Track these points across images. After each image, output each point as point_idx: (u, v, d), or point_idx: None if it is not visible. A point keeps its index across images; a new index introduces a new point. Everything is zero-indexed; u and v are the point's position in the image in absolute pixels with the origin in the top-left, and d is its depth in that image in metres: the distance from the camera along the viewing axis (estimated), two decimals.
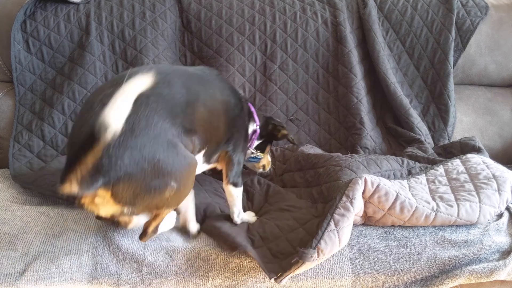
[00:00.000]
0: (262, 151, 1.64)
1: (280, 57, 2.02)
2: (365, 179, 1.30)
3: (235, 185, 1.35)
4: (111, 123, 0.85)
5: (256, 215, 1.44)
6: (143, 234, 1.16)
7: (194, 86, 1.19)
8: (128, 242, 1.25)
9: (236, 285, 1.23)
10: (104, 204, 0.98)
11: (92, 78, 1.92)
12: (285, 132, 1.64)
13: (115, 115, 0.86)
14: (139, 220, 1.19)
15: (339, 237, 1.19)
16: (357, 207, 1.27)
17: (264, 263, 1.18)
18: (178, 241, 1.27)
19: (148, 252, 1.23)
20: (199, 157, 1.24)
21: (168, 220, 1.25)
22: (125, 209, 1.00)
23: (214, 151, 1.30)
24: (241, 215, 1.40)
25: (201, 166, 1.31)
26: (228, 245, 1.22)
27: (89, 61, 1.93)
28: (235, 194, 1.36)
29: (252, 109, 1.55)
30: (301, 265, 1.15)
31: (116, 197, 0.96)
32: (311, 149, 1.88)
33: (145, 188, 0.97)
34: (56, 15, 1.95)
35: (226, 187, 1.35)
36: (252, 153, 1.60)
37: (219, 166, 1.39)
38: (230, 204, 1.39)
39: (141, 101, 0.95)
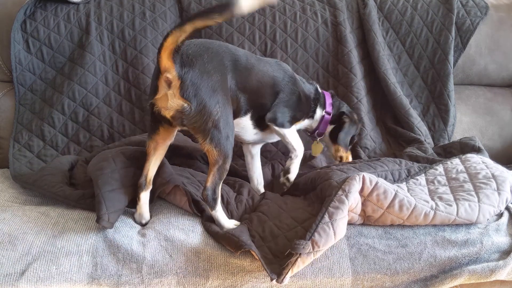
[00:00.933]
0: (335, 139, 1.73)
1: (280, 57, 2.02)
2: (363, 176, 1.30)
3: (279, 125, 1.51)
4: None
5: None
6: None
7: (253, 60, 1.45)
8: (128, 243, 1.25)
9: (236, 285, 1.23)
10: (172, 96, 1.19)
11: (92, 78, 1.93)
12: (345, 120, 1.71)
13: None
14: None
15: (333, 230, 1.19)
16: (352, 201, 1.27)
17: (266, 264, 1.19)
18: (177, 240, 1.27)
19: (147, 253, 1.23)
20: (247, 119, 1.47)
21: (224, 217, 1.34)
22: (185, 105, 1.19)
23: (262, 117, 1.49)
24: (299, 157, 1.58)
25: (252, 131, 1.53)
26: (233, 245, 1.22)
27: (89, 61, 1.93)
28: (281, 132, 1.53)
29: (328, 96, 1.71)
30: (296, 259, 1.15)
31: (182, 90, 1.18)
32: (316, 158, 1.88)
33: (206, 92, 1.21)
34: (56, 15, 1.95)
35: (273, 128, 1.52)
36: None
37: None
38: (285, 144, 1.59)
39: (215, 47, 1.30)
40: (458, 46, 2.07)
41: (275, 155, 1.99)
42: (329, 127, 1.73)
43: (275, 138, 1.64)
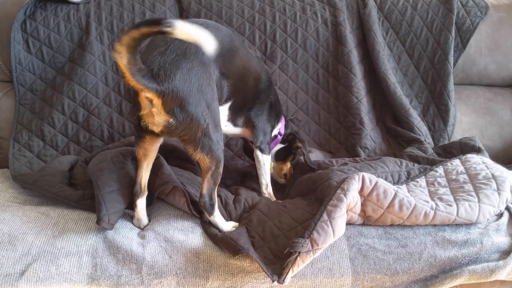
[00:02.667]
0: (285, 158, 1.75)
1: (280, 57, 2.02)
2: (363, 176, 1.31)
3: (262, 151, 1.55)
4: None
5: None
6: None
7: (237, 42, 1.40)
8: (128, 244, 1.25)
9: (236, 286, 1.23)
10: (157, 114, 1.15)
11: (92, 78, 1.93)
12: (299, 145, 1.71)
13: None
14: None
15: (332, 227, 1.19)
16: (351, 199, 1.27)
17: (266, 265, 1.18)
18: (177, 241, 1.27)
19: (147, 253, 1.23)
20: (225, 109, 1.41)
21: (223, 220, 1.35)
22: (171, 120, 1.16)
23: (239, 111, 1.47)
24: (269, 189, 1.59)
25: (226, 124, 1.47)
26: (230, 249, 1.22)
27: (89, 61, 1.93)
28: (261, 160, 1.55)
29: (283, 119, 1.72)
30: (296, 258, 1.15)
31: (165, 108, 1.14)
32: (311, 153, 1.88)
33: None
34: (56, 15, 1.95)
35: (254, 152, 1.55)
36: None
37: (246, 134, 1.58)
38: (258, 173, 1.59)
39: None
40: (458, 46, 2.07)
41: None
42: (278, 146, 1.73)
43: (236, 136, 1.68)
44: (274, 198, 1.60)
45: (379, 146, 2.00)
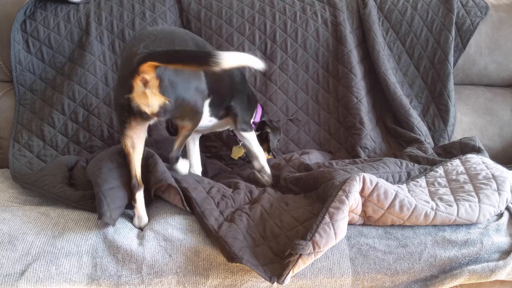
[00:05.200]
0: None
1: (280, 57, 2.02)
2: (364, 177, 1.30)
3: (244, 130, 1.62)
4: None
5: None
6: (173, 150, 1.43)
7: (208, 46, 1.56)
8: (128, 244, 1.25)
9: (236, 284, 1.23)
10: (152, 96, 1.22)
11: (92, 78, 1.93)
12: (267, 130, 1.79)
13: None
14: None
15: (334, 230, 1.19)
16: (353, 201, 1.27)
17: (265, 264, 1.18)
18: (176, 240, 1.27)
19: (147, 253, 1.23)
20: (206, 106, 1.47)
21: (184, 164, 1.52)
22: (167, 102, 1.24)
23: (219, 106, 1.54)
24: (264, 163, 1.67)
25: (210, 119, 1.55)
26: (225, 254, 1.21)
27: (89, 61, 1.93)
28: (247, 137, 1.64)
29: (259, 106, 1.77)
30: (297, 260, 1.15)
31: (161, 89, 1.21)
32: (311, 154, 1.88)
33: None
34: (56, 15, 1.95)
35: (239, 135, 1.65)
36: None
37: (229, 123, 1.66)
38: (251, 158, 1.70)
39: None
40: (458, 46, 2.07)
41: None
42: None
43: (222, 128, 1.75)
44: (270, 179, 1.69)
45: (379, 146, 2.00)
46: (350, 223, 1.33)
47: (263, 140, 1.79)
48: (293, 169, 1.72)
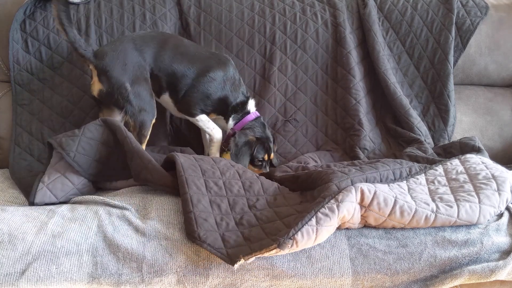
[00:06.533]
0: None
1: (279, 59, 2.02)
2: (361, 188, 1.30)
3: (194, 115, 1.79)
4: None
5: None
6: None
7: (178, 55, 1.76)
8: (128, 242, 1.25)
9: (236, 284, 1.23)
10: (94, 82, 1.66)
11: (90, 80, 1.92)
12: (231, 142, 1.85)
13: None
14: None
15: (316, 234, 1.19)
16: (345, 212, 1.26)
17: (231, 248, 1.20)
18: (177, 239, 1.27)
19: (147, 251, 1.23)
20: (167, 97, 1.79)
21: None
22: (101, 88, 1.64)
23: (177, 97, 1.77)
24: (215, 136, 1.82)
25: (174, 108, 1.81)
26: (188, 230, 1.24)
27: None
28: (198, 120, 1.80)
29: (249, 117, 1.86)
30: (273, 250, 1.16)
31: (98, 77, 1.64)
32: (308, 158, 1.88)
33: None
34: None
35: (195, 122, 1.81)
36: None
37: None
38: (203, 134, 1.96)
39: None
40: (458, 46, 2.07)
41: None
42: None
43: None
44: (217, 154, 1.85)
45: (379, 147, 2.00)
46: (348, 228, 1.33)
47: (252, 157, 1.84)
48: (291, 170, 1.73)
